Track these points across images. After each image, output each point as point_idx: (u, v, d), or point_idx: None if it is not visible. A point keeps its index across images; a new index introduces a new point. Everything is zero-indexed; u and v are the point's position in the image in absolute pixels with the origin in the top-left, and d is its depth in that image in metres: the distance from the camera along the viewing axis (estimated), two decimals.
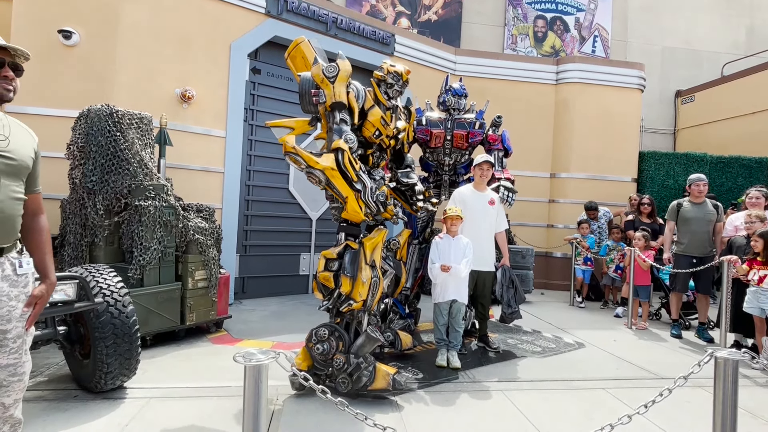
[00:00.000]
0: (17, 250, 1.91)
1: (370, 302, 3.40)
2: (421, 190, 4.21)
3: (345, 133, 3.24)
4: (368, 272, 3.37)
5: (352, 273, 3.32)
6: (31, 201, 1.99)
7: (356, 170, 3.21)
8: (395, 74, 3.73)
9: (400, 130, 3.91)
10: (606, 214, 8.01)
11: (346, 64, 3.35)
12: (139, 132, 4.58)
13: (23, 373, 1.91)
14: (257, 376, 1.73)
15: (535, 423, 3.10)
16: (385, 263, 3.99)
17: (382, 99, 3.73)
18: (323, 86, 3.31)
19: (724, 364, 1.99)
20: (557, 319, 6.21)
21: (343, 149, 3.15)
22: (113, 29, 5.36)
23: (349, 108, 3.39)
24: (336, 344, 3.33)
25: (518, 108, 8.70)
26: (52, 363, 3.78)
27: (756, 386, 4.01)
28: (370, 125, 3.63)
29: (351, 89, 3.42)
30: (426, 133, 5.01)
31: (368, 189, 3.24)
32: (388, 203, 3.38)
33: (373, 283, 3.38)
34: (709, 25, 12.71)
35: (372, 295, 3.39)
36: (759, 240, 4.51)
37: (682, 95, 11.98)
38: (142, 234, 4.24)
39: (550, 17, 12.27)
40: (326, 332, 3.36)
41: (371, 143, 3.73)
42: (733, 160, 9.42)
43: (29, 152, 1.93)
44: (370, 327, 3.40)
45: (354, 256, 3.38)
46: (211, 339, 4.72)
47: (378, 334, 3.35)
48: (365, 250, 3.41)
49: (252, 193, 6.65)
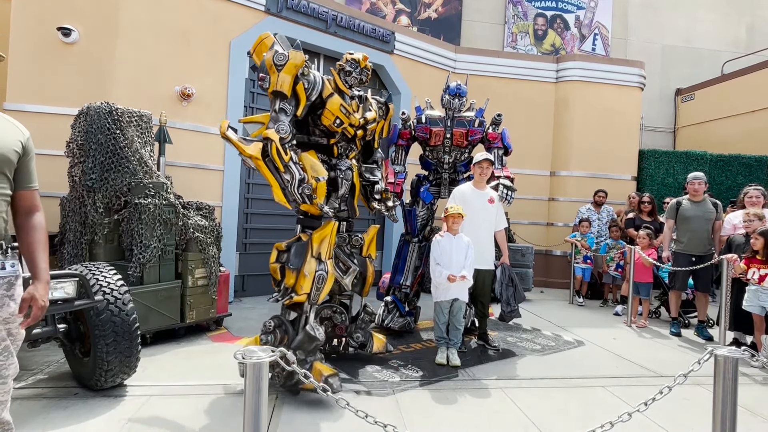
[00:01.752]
0: (1, 251, 1.84)
1: (315, 296, 3.35)
2: (379, 189, 4.08)
3: (279, 123, 3.24)
4: (313, 265, 3.32)
5: (296, 265, 3.31)
6: (24, 198, 1.93)
7: (285, 161, 3.18)
8: (352, 61, 3.69)
9: (368, 120, 3.82)
10: (609, 212, 7.97)
11: (297, 55, 3.31)
12: (138, 130, 4.58)
13: (7, 376, 1.85)
14: (258, 374, 1.73)
15: (535, 421, 3.11)
16: (349, 260, 3.93)
17: (344, 87, 3.69)
18: (270, 72, 3.30)
19: (723, 362, 1.99)
20: (557, 317, 6.21)
21: (272, 139, 3.14)
22: (113, 27, 5.35)
23: (297, 99, 3.38)
24: (281, 337, 3.33)
25: (518, 106, 8.69)
26: (52, 361, 3.78)
27: (755, 384, 4.02)
28: (329, 113, 3.57)
29: (304, 81, 3.38)
30: (426, 131, 5.00)
31: (295, 181, 3.21)
32: (314, 197, 3.31)
33: (318, 276, 3.32)
34: (710, 22, 12.70)
35: (317, 289, 3.34)
36: (759, 238, 4.51)
37: (682, 93, 11.97)
38: (141, 232, 4.24)
39: (551, 15, 12.25)
40: (272, 324, 3.36)
41: (333, 132, 3.67)
42: (733, 158, 9.42)
43: (11, 145, 1.85)
44: (310, 324, 3.32)
45: (300, 248, 3.37)
46: (211, 337, 4.72)
47: (319, 333, 3.28)
48: (312, 243, 3.37)
49: (252, 191, 6.65)
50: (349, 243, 3.99)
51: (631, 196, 7.81)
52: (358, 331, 4.04)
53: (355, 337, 4.03)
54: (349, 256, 3.96)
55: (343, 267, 3.93)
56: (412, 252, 5.15)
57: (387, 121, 4.21)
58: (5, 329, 1.84)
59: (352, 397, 3.36)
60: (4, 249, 1.86)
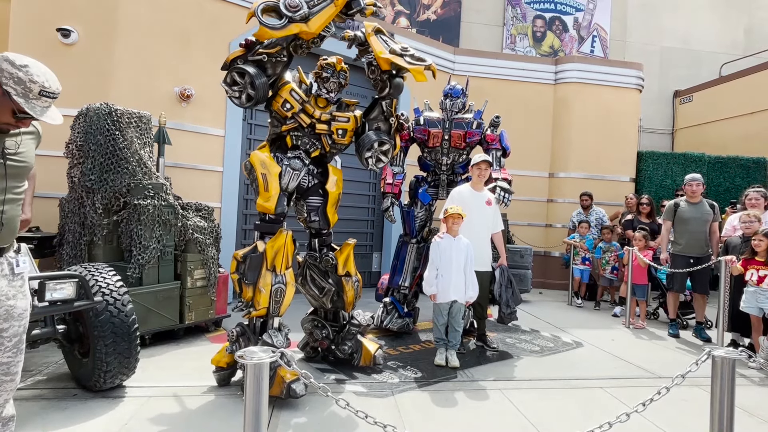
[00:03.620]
0: (14, 249, 1.92)
1: (275, 309, 3.28)
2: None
3: None
4: (268, 279, 3.24)
5: (251, 280, 3.25)
6: None
7: None
8: (327, 66, 3.58)
9: (334, 116, 3.62)
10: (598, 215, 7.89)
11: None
12: (137, 131, 4.58)
13: (16, 373, 1.90)
14: (258, 374, 1.73)
15: (534, 422, 3.11)
16: (323, 280, 3.82)
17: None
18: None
19: (721, 363, 2.00)
20: (555, 319, 6.22)
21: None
22: (112, 28, 5.36)
23: None
24: (245, 345, 3.27)
25: (517, 107, 8.71)
26: (51, 362, 3.78)
27: (753, 385, 4.03)
28: (279, 98, 3.48)
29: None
30: (424, 132, 5.02)
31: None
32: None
33: (275, 290, 3.24)
34: (708, 24, 12.74)
35: (275, 302, 3.26)
36: (764, 239, 4.51)
37: (681, 95, 12.01)
38: (141, 233, 4.24)
39: (549, 17, 12.28)
40: (234, 334, 3.33)
41: (284, 117, 3.54)
42: (731, 160, 9.44)
43: (33, 149, 1.97)
44: (267, 332, 3.26)
45: (254, 261, 3.26)
46: (210, 338, 4.72)
47: (277, 340, 3.21)
48: (266, 255, 3.27)
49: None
50: (320, 262, 3.82)
51: (628, 197, 7.80)
52: (346, 341, 3.89)
53: (342, 349, 3.88)
54: (324, 275, 3.83)
55: (318, 286, 3.83)
56: (411, 253, 5.16)
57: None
58: (19, 325, 1.87)
59: (352, 397, 3.36)
60: (16, 247, 1.93)
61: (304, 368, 3.27)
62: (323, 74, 3.58)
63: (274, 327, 3.34)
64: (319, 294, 3.85)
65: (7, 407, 1.90)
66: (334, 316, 4.01)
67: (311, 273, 3.90)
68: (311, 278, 3.90)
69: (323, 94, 3.60)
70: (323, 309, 4.01)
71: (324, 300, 3.85)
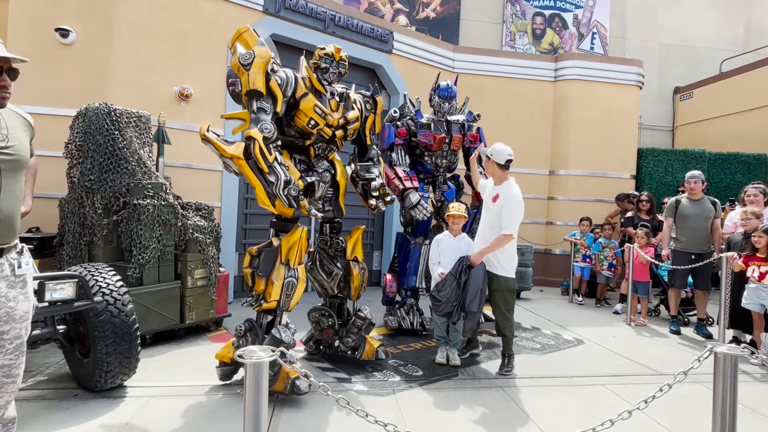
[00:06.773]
0: (17, 250, 1.88)
1: (285, 302, 3.29)
2: (376, 186, 3.84)
3: (261, 122, 3.13)
4: (282, 272, 3.27)
5: (264, 272, 3.28)
6: None
7: (269, 161, 3.06)
8: (326, 56, 3.49)
9: (348, 120, 3.61)
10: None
11: (262, 50, 3.18)
12: (137, 130, 4.57)
13: (17, 375, 1.88)
14: (258, 374, 1.73)
15: (535, 419, 3.11)
16: (332, 264, 3.86)
17: (320, 87, 3.51)
18: (240, 75, 3.19)
19: (723, 359, 1.99)
20: (556, 316, 6.22)
21: (255, 138, 3.05)
22: (110, 27, 5.34)
23: (273, 96, 3.24)
24: (252, 341, 3.31)
25: (517, 105, 8.70)
26: (51, 362, 3.77)
27: (755, 381, 4.03)
28: (302, 114, 3.40)
29: (276, 77, 3.25)
30: (430, 137, 4.99)
31: (280, 182, 3.08)
32: (301, 198, 3.19)
33: (287, 283, 3.27)
34: (708, 21, 12.71)
35: (286, 296, 3.28)
36: (764, 236, 4.50)
37: (681, 92, 11.98)
38: (141, 233, 4.24)
39: (549, 14, 12.25)
40: (243, 328, 3.35)
41: (308, 133, 3.50)
42: (732, 156, 9.43)
43: (26, 141, 1.91)
44: (276, 328, 3.28)
45: (269, 254, 3.31)
46: (211, 338, 4.72)
47: (286, 335, 3.22)
48: (281, 249, 3.31)
49: (251, 192, 6.64)
50: (331, 246, 3.91)
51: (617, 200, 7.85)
52: (350, 335, 3.94)
53: (345, 342, 3.94)
54: (332, 259, 3.89)
55: (327, 270, 3.87)
56: (425, 255, 5.12)
57: (377, 116, 4.00)
58: (21, 327, 1.85)
59: (353, 396, 3.36)
60: (19, 248, 1.89)
61: (305, 367, 3.27)
62: (321, 64, 3.52)
63: (282, 323, 3.36)
64: (327, 278, 3.88)
65: (8, 409, 1.89)
66: (339, 311, 4.05)
67: (320, 257, 3.97)
68: (320, 262, 3.96)
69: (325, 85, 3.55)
70: (329, 298, 4.04)
71: (331, 284, 3.88)
